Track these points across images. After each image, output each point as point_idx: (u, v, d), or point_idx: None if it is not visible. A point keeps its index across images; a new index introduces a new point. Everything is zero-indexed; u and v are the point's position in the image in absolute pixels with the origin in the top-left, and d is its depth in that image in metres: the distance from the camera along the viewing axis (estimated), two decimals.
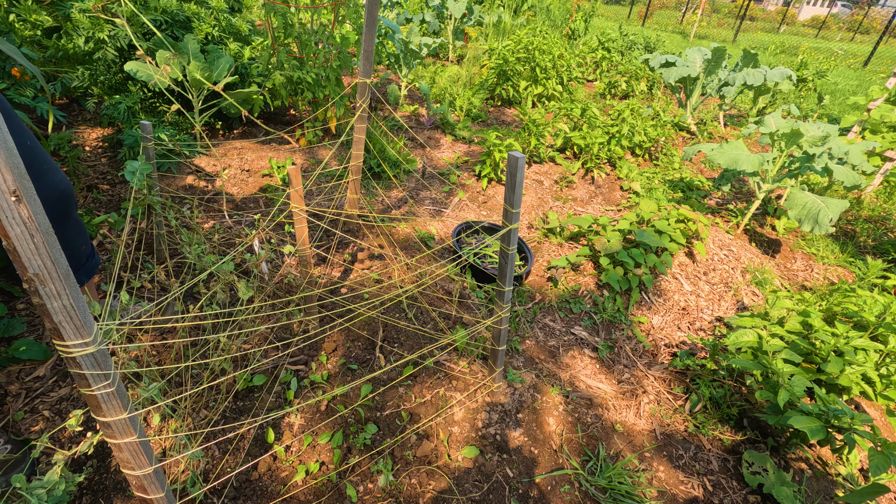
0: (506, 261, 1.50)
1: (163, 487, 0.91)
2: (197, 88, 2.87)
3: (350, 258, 2.40)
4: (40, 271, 0.60)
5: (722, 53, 4.76)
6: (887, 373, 1.79)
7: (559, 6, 10.13)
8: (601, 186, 3.70)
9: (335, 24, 3.35)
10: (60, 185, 1.35)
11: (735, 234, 3.21)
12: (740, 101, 6.74)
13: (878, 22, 26.57)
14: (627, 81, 6.09)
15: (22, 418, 1.47)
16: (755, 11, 28.86)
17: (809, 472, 1.73)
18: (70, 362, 0.69)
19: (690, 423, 1.85)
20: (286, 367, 1.77)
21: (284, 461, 1.48)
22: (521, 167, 1.29)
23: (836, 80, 9.91)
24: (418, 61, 4.78)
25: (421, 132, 4.23)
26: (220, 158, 3.11)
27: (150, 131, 1.81)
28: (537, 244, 2.86)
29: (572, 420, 1.78)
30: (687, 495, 1.60)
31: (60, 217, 1.36)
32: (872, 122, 4.10)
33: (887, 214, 3.79)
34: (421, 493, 1.46)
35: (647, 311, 2.45)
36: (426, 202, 3.10)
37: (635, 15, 20.02)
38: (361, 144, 2.32)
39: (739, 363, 1.82)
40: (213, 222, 2.48)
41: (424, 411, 1.69)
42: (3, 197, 0.54)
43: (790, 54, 12.49)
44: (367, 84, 2.15)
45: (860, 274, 2.83)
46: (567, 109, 4.33)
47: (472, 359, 1.94)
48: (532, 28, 6.30)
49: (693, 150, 3.36)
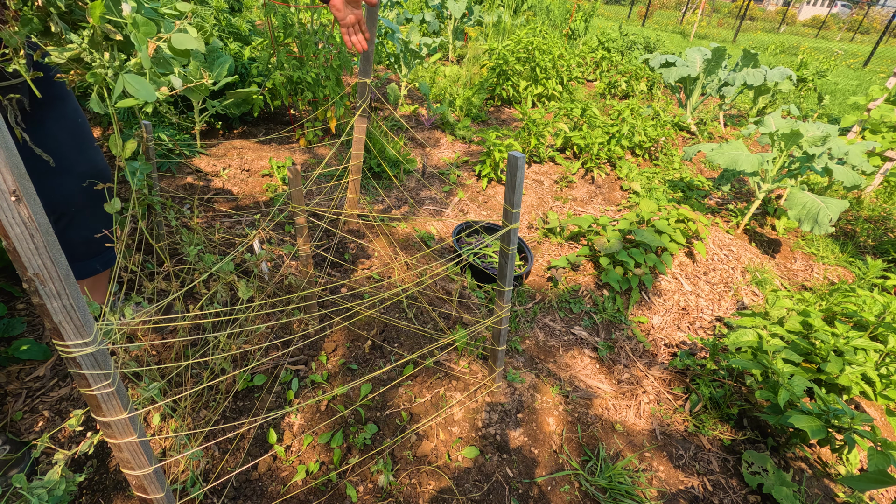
0: (506, 261, 1.50)
1: (163, 487, 0.91)
2: (196, 88, 2.87)
3: (350, 258, 2.40)
4: (40, 271, 0.60)
5: (722, 53, 4.76)
6: (887, 373, 1.80)
7: (559, 6, 10.13)
8: (601, 186, 3.70)
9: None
10: (101, 164, 1.47)
11: (735, 234, 3.21)
12: (740, 101, 6.74)
13: (878, 22, 26.57)
14: (627, 81, 6.09)
15: (21, 418, 1.47)
16: (755, 11, 28.86)
17: (809, 471, 1.73)
18: (70, 362, 0.69)
19: (690, 423, 1.86)
20: (286, 367, 1.77)
21: (284, 461, 1.48)
22: (521, 167, 1.29)
23: (836, 80, 9.92)
24: (418, 61, 4.78)
25: (421, 132, 4.23)
26: (220, 158, 3.11)
27: (150, 131, 1.81)
28: (537, 244, 2.86)
29: (572, 420, 1.78)
30: (687, 495, 1.60)
31: (101, 196, 1.46)
32: (872, 122, 4.10)
33: (887, 214, 3.79)
34: (421, 493, 1.46)
35: (646, 310, 2.45)
36: (426, 202, 3.10)
37: (635, 15, 20.03)
38: (361, 144, 2.32)
39: (739, 363, 1.82)
40: (213, 222, 2.48)
41: (424, 411, 1.69)
42: (2, 197, 0.54)
43: (790, 54, 12.50)
44: (366, 84, 2.15)
45: (860, 274, 2.83)
46: (567, 109, 4.33)
47: (472, 359, 1.94)
48: (532, 28, 6.30)
49: (693, 150, 3.36)
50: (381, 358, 1.87)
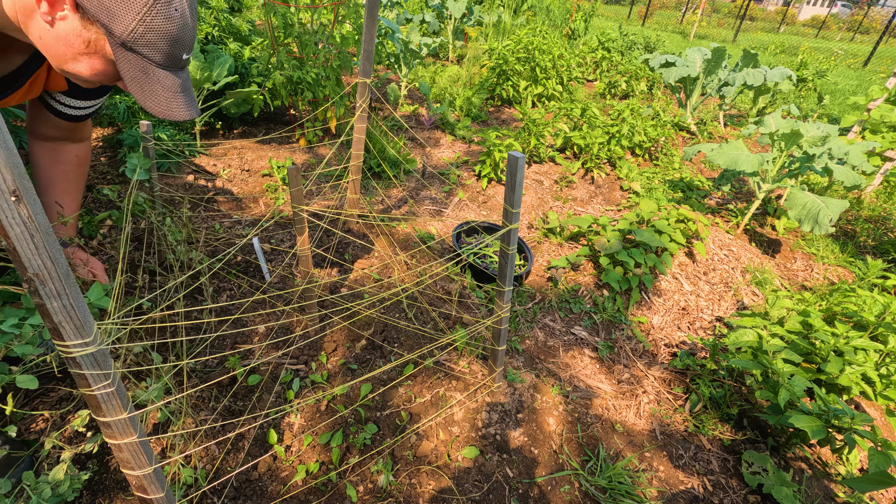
0: (506, 261, 1.50)
1: (163, 487, 0.91)
2: (197, 88, 2.87)
3: (350, 258, 2.40)
4: (40, 271, 0.60)
5: (722, 53, 4.76)
6: (887, 373, 1.80)
7: (559, 6, 10.12)
8: (601, 186, 3.70)
9: (335, 24, 3.34)
10: None
11: (735, 234, 3.21)
12: (740, 101, 6.74)
13: (878, 22, 26.58)
14: (627, 81, 6.09)
15: (21, 418, 1.47)
16: (755, 11, 28.86)
17: (809, 472, 1.73)
18: (70, 362, 0.69)
19: (690, 423, 1.85)
20: (286, 367, 1.77)
21: (284, 461, 1.48)
22: (521, 167, 1.29)
23: (836, 80, 9.92)
24: (418, 61, 4.78)
25: (421, 132, 4.23)
26: (220, 158, 3.11)
27: (149, 131, 1.81)
28: (537, 244, 2.86)
29: (572, 420, 1.78)
30: (687, 495, 1.60)
31: None
32: (872, 122, 4.10)
33: (887, 214, 3.79)
34: (421, 493, 1.46)
35: (647, 310, 2.45)
36: (426, 202, 3.10)
37: (635, 15, 20.03)
38: (361, 144, 2.32)
39: (739, 363, 1.82)
40: (213, 222, 2.48)
41: (424, 411, 1.69)
42: (3, 197, 0.54)
43: (790, 54, 12.49)
44: (366, 84, 2.15)
45: (860, 274, 2.83)
46: (567, 109, 4.32)
47: (472, 359, 1.94)
48: (532, 28, 6.30)
49: (693, 150, 3.36)
50: (381, 358, 1.87)
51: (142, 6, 0.86)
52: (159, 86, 0.95)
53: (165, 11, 0.88)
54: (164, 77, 0.95)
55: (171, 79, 0.96)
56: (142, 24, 0.87)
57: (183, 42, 0.94)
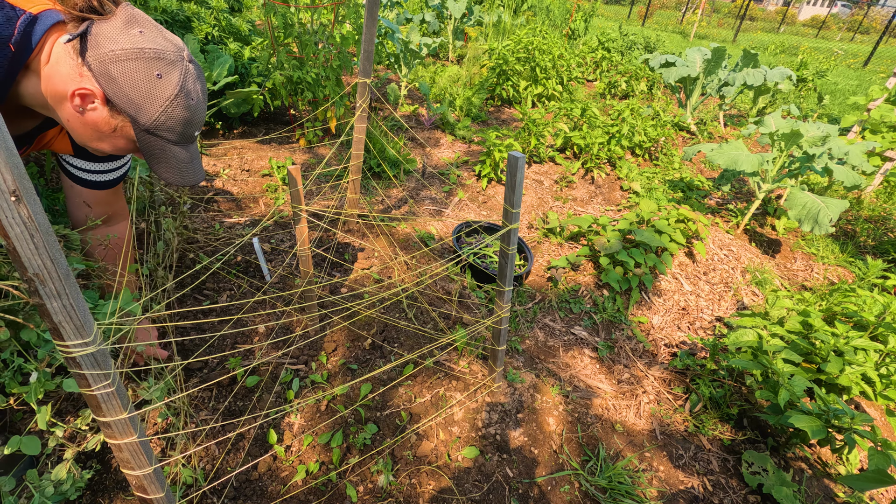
0: (506, 261, 1.50)
1: (163, 487, 0.91)
2: None
3: (350, 258, 2.40)
4: (40, 271, 0.60)
5: (722, 53, 4.76)
6: (887, 373, 1.79)
7: (559, 6, 10.12)
8: (601, 186, 3.70)
9: (335, 24, 3.34)
10: None
11: (735, 234, 3.21)
12: (740, 101, 6.74)
13: (878, 22, 26.58)
14: (627, 81, 6.09)
15: (21, 418, 1.47)
16: (755, 11, 28.87)
17: (809, 472, 1.73)
18: (70, 362, 0.69)
19: (690, 423, 1.85)
20: (286, 367, 1.77)
21: (284, 461, 1.48)
22: (521, 167, 1.29)
23: (836, 80, 9.92)
24: (418, 61, 4.78)
25: (421, 132, 4.23)
26: (220, 158, 3.11)
27: None
28: (537, 244, 2.86)
29: (572, 420, 1.78)
30: (687, 495, 1.60)
31: None
32: (872, 122, 4.10)
33: (887, 214, 3.79)
34: (421, 493, 1.46)
35: (646, 310, 2.45)
36: (426, 202, 3.10)
37: (635, 15, 20.03)
38: (361, 144, 2.32)
39: (739, 363, 1.82)
40: (213, 222, 2.48)
41: (424, 411, 1.69)
42: (3, 197, 0.54)
43: (790, 54, 12.49)
44: (366, 84, 2.15)
45: (860, 274, 2.83)
46: (567, 109, 4.32)
47: (472, 359, 1.94)
48: (532, 28, 6.30)
49: (693, 150, 3.36)
50: (381, 358, 1.87)
51: (164, 100, 0.97)
52: (174, 159, 1.08)
53: (184, 102, 1.00)
54: (178, 152, 1.07)
55: (183, 153, 1.08)
56: (164, 114, 0.99)
57: (196, 123, 1.06)
